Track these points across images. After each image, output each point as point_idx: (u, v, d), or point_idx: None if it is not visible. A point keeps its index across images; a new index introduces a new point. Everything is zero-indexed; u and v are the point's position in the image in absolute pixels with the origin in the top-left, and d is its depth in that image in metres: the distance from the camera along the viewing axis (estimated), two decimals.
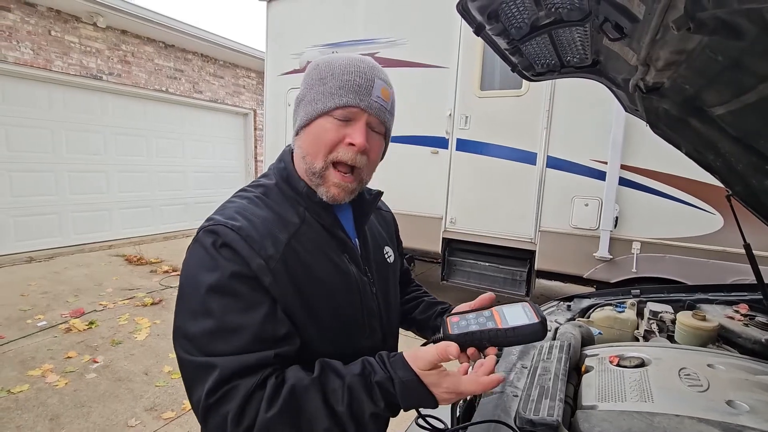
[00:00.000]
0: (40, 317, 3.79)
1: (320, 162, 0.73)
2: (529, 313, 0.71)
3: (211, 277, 0.64)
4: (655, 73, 0.82)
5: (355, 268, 0.80)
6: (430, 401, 0.64)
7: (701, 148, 1.13)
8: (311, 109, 0.74)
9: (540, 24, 0.83)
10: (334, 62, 0.75)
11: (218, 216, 0.70)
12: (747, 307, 1.34)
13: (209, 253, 0.65)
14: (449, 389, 0.63)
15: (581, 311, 1.50)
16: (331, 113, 0.72)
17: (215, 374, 0.59)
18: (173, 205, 7.68)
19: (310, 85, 0.76)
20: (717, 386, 0.81)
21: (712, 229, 2.85)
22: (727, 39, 0.52)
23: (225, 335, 0.62)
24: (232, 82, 8.47)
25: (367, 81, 0.73)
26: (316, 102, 0.73)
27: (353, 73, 0.73)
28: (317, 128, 0.74)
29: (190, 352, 0.63)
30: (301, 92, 0.77)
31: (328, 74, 0.74)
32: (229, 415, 0.58)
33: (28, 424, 2.35)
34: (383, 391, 0.63)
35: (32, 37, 5.45)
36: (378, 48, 4.13)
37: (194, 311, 0.64)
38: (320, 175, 0.74)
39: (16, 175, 5.58)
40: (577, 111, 3.27)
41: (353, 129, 0.73)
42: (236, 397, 0.59)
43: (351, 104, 0.72)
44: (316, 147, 0.74)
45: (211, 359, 0.61)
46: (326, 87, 0.73)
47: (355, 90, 0.72)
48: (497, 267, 3.78)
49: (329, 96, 0.72)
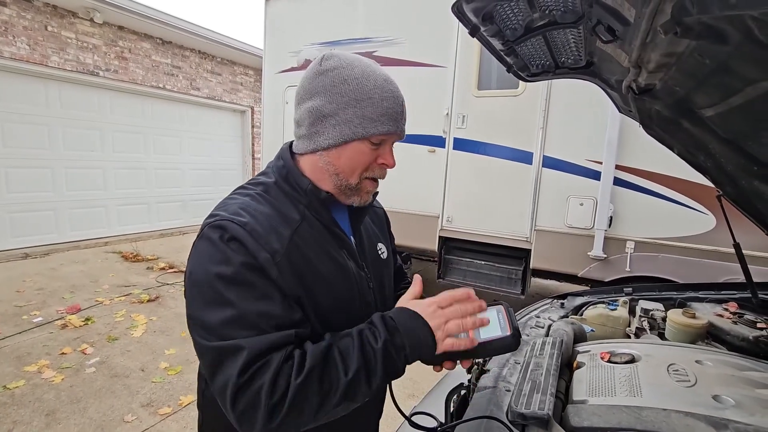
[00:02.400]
0: (35, 313, 3.79)
1: (355, 180, 0.79)
2: (503, 321, 0.73)
3: (224, 268, 0.66)
4: (647, 75, 0.84)
5: (353, 264, 0.83)
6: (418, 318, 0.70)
7: (693, 149, 1.15)
8: (348, 131, 0.74)
9: (534, 26, 0.85)
10: (366, 81, 0.74)
11: (222, 212, 0.71)
12: (736, 305, 1.36)
13: (218, 246, 0.67)
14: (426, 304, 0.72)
15: (574, 309, 1.52)
16: (369, 138, 0.75)
17: (244, 354, 0.61)
18: (170, 202, 7.66)
19: (341, 103, 0.74)
20: (704, 382, 0.83)
21: (704, 229, 2.88)
22: (713, 43, 0.53)
23: (245, 322, 0.64)
24: (230, 80, 8.45)
25: (401, 107, 0.78)
26: (354, 125, 0.74)
27: (390, 99, 0.75)
28: (354, 151, 0.76)
29: (209, 339, 0.64)
30: (326, 107, 0.74)
31: (363, 97, 0.73)
32: (263, 388, 0.60)
33: (24, 420, 2.35)
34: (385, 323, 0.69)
35: (28, 33, 5.42)
36: (376, 47, 4.13)
37: (210, 302, 0.65)
38: (356, 189, 0.80)
39: (13, 171, 5.55)
40: (573, 111, 3.29)
41: (385, 150, 0.79)
42: (268, 371, 0.61)
43: (391, 133, 0.77)
44: (351, 167, 0.78)
45: (237, 341, 0.62)
46: (365, 112, 0.74)
47: (394, 118, 0.76)
48: (493, 265, 3.80)
49: (370, 122, 0.74)
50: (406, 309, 0.72)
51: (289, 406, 0.60)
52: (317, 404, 0.63)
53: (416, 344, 0.68)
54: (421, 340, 0.68)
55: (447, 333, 0.70)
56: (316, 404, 0.63)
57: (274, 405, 0.60)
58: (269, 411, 0.60)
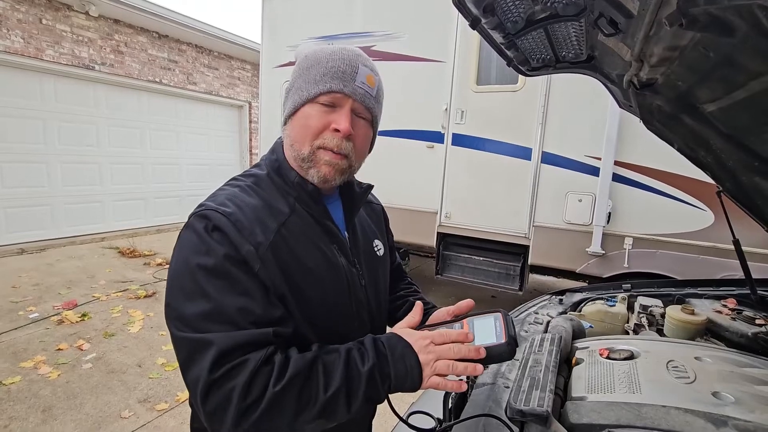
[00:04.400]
0: (31, 309, 3.77)
1: (307, 148, 0.75)
2: (499, 328, 0.71)
3: (205, 259, 0.64)
4: (649, 69, 0.83)
5: (344, 259, 0.81)
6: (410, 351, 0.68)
7: (693, 145, 1.14)
8: (297, 97, 0.75)
9: (535, 18, 0.83)
10: (320, 51, 0.76)
11: (209, 202, 0.71)
12: (735, 301, 1.36)
13: (201, 237, 0.66)
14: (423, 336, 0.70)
15: (573, 305, 1.52)
16: (315, 100, 0.74)
17: (213, 350, 0.60)
18: (167, 197, 7.63)
19: (297, 74, 0.77)
20: (703, 378, 0.82)
21: (703, 226, 2.88)
22: (719, 35, 0.52)
23: (222, 316, 0.63)
24: (227, 74, 8.39)
25: (350, 67, 0.74)
26: (301, 90, 0.75)
27: (337, 59, 0.74)
28: (303, 116, 0.75)
29: (184, 330, 0.63)
30: (289, 83, 0.79)
31: (313, 62, 0.75)
32: (236, 390, 0.58)
33: (20, 416, 2.34)
34: (375, 348, 0.68)
35: (23, 26, 5.36)
36: (374, 41, 4.11)
37: (189, 293, 0.64)
38: (309, 159, 0.75)
39: (8, 166, 5.51)
40: (572, 107, 3.28)
41: (338, 115, 0.74)
42: (244, 372, 0.59)
43: (334, 90, 0.73)
44: (302, 134, 0.75)
45: (207, 335, 0.61)
46: (311, 75, 0.74)
47: (339, 76, 0.73)
48: (491, 261, 3.80)
49: (313, 83, 0.74)
50: (400, 338, 0.70)
51: (262, 412, 0.59)
52: (291, 415, 0.61)
53: (402, 376, 0.66)
54: (407, 372, 0.66)
55: (435, 371, 0.67)
56: (290, 415, 0.61)
57: (245, 408, 0.58)
58: (240, 413, 0.58)
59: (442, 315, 0.83)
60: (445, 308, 0.84)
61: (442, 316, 0.83)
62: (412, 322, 0.76)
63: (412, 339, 0.69)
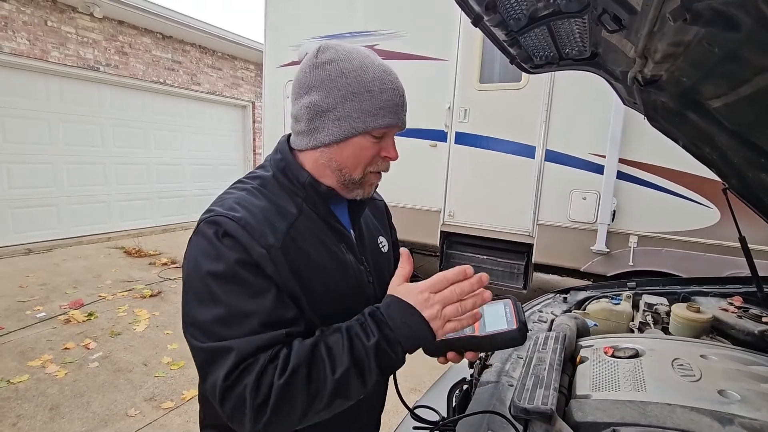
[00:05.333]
0: (39, 308, 3.81)
1: (359, 174, 0.77)
2: (509, 315, 0.71)
3: (216, 265, 0.65)
4: (653, 66, 0.82)
5: (352, 257, 0.82)
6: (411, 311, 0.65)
7: (698, 142, 1.13)
8: (348, 126, 0.72)
9: (538, 15, 0.83)
10: (364, 74, 0.72)
11: (218, 207, 0.71)
12: (741, 299, 1.35)
13: (212, 243, 0.66)
14: (419, 290, 0.67)
15: (577, 303, 1.51)
16: (371, 132, 0.74)
17: (233, 356, 0.61)
18: (171, 197, 7.66)
19: (339, 97, 0.72)
20: (709, 376, 0.82)
21: (708, 223, 2.86)
22: (723, 30, 0.52)
23: (236, 321, 0.63)
24: (231, 74, 8.42)
25: (400, 98, 0.75)
26: (353, 120, 0.72)
27: (390, 91, 0.73)
28: (356, 146, 0.75)
29: (201, 339, 0.64)
30: (324, 102, 0.72)
31: (362, 90, 0.71)
32: (247, 389, 0.59)
33: (28, 414, 2.37)
34: (375, 320, 0.66)
35: (28, 27, 5.40)
36: (377, 40, 4.10)
37: (202, 299, 0.65)
38: (359, 183, 0.79)
39: (14, 167, 5.55)
40: (576, 105, 3.27)
41: (387, 143, 0.77)
42: (252, 372, 0.60)
43: (392, 125, 0.75)
44: (355, 162, 0.76)
45: (226, 343, 0.62)
46: (364, 105, 0.72)
47: (394, 111, 0.74)
48: (495, 260, 3.79)
49: (370, 116, 0.72)
50: (397, 300, 0.67)
51: (274, 406, 0.60)
52: (304, 403, 0.61)
53: (412, 337, 0.65)
54: (416, 333, 0.65)
55: (445, 320, 0.66)
56: (303, 403, 0.61)
57: (258, 406, 0.59)
58: (255, 412, 0.59)
59: None
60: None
61: None
62: (403, 273, 0.73)
63: (411, 298, 0.67)
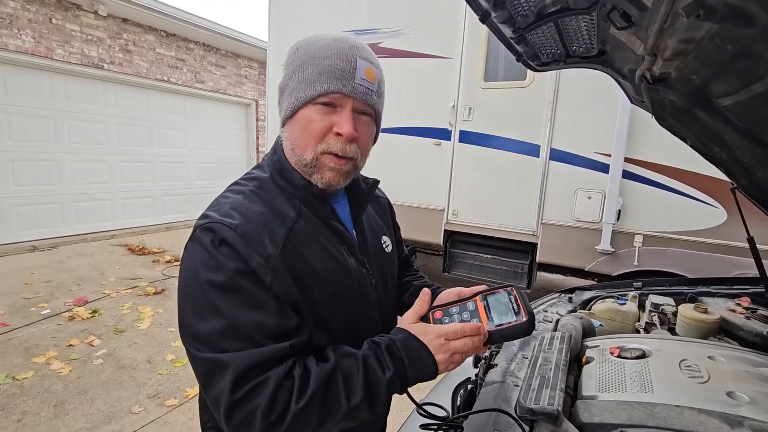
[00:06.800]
0: (43, 305, 3.83)
1: (309, 153, 0.71)
2: (515, 305, 0.70)
3: (215, 275, 0.63)
4: (662, 63, 0.81)
5: (353, 260, 0.79)
6: (426, 355, 0.67)
7: (707, 141, 1.12)
8: (294, 98, 0.71)
9: (546, 12, 0.82)
10: (312, 45, 0.71)
11: (214, 213, 0.68)
12: (749, 300, 1.33)
13: (209, 251, 0.64)
14: (436, 334, 0.67)
15: (582, 303, 1.50)
16: (314, 102, 0.69)
17: (232, 369, 0.59)
18: (175, 195, 7.69)
19: (290, 72, 0.72)
20: (717, 378, 0.81)
21: (715, 223, 2.84)
22: (738, 26, 0.51)
23: (237, 332, 0.62)
24: (234, 72, 8.42)
25: (348, 63, 0.69)
26: (297, 91, 0.70)
27: (333, 56, 0.68)
28: (302, 119, 0.71)
29: (200, 349, 0.63)
30: (283, 80, 0.74)
31: (306, 59, 0.70)
32: (259, 408, 0.59)
33: (33, 410, 2.38)
34: (390, 353, 0.67)
35: (33, 25, 5.41)
36: (381, 38, 4.09)
37: (201, 311, 0.63)
38: (312, 165, 0.72)
39: (19, 165, 5.58)
40: (582, 103, 3.25)
41: (340, 117, 0.69)
42: (265, 391, 0.59)
43: (333, 91, 0.68)
44: (304, 139, 0.71)
45: (226, 355, 0.60)
46: (306, 74, 0.69)
47: (336, 75, 0.68)
48: (499, 259, 3.78)
49: (309, 84, 0.69)
50: (414, 338, 0.68)
51: (287, 428, 0.60)
52: (314, 425, 0.62)
53: (420, 376, 0.67)
54: (425, 372, 0.67)
55: (449, 364, 0.68)
56: (314, 425, 0.62)
57: (269, 425, 0.59)
58: (264, 430, 0.59)
59: (452, 295, 0.81)
60: (454, 289, 0.83)
61: (451, 296, 0.81)
62: (420, 311, 0.73)
63: (427, 339, 0.68)
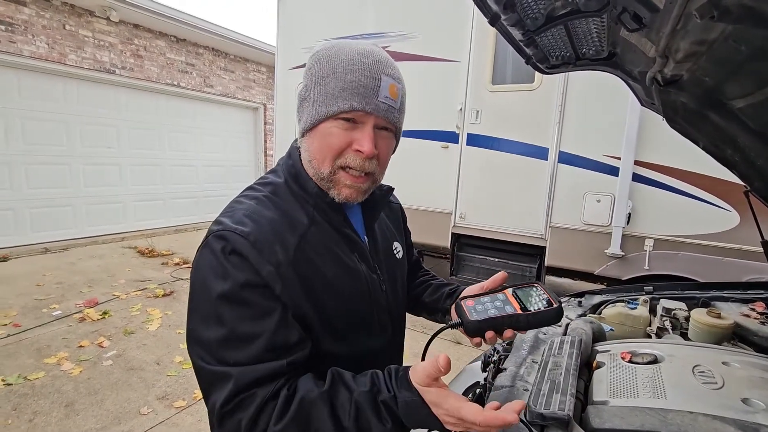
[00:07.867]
0: (55, 307, 3.88)
1: (327, 168, 0.70)
2: (543, 295, 0.72)
3: (222, 285, 0.63)
4: (674, 65, 0.80)
5: (365, 266, 0.79)
6: (433, 423, 0.60)
7: (720, 143, 1.11)
8: (315, 111, 0.69)
9: (556, 14, 0.82)
10: (336, 57, 0.68)
11: (227, 219, 0.68)
12: (763, 305, 1.31)
13: (219, 259, 0.64)
14: (450, 412, 0.59)
15: (592, 307, 1.49)
16: (335, 117, 0.68)
17: (230, 385, 0.60)
18: (184, 198, 7.77)
19: (312, 83, 0.70)
20: (732, 384, 0.79)
21: (728, 227, 2.79)
22: (753, 27, 0.50)
23: (237, 344, 0.62)
24: (243, 76, 8.51)
25: (373, 80, 0.66)
26: (319, 104, 0.68)
27: (356, 72, 0.66)
28: (322, 133, 0.69)
29: (204, 358, 0.63)
30: (303, 89, 0.72)
31: (329, 72, 0.68)
32: (243, 422, 0.60)
33: (44, 410, 2.41)
34: (388, 410, 0.61)
35: (47, 31, 5.52)
36: (389, 42, 4.11)
37: (206, 318, 0.64)
38: (329, 179, 0.71)
39: (32, 168, 5.68)
40: (590, 105, 3.22)
41: (361, 134, 0.68)
42: (251, 407, 0.60)
43: (356, 109, 0.66)
44: (322, 152, 0.70)
45: (226, 369, 0.61)
46: (328, 87, 0.67)
47: (359, 92, 0.66)
48: (507, 263, 3.76)
49: (332, 98, 0.67)
50: (424, 405, 0.60)
51: None
52: None
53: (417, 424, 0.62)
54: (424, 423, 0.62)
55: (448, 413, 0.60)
56: None
57: None
58: None
59: (476, 289, 0.81)
60: (477, 285, 0.82)
61: (475, 290, 0.80)
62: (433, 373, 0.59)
63: (440, 411, 0.60)
